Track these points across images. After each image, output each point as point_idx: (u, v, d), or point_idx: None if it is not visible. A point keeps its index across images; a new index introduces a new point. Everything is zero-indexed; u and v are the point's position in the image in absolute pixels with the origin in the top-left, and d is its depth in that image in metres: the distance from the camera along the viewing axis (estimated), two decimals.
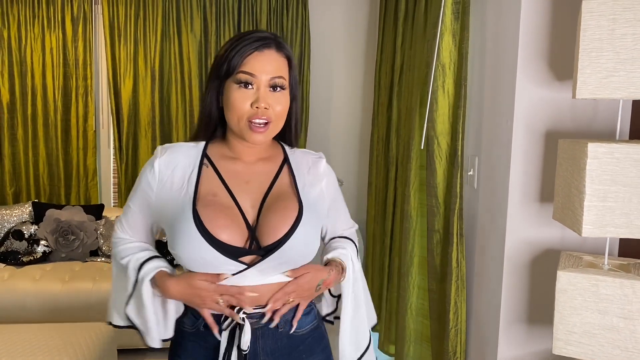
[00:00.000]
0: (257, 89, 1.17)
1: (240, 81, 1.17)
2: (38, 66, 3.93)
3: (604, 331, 1.53)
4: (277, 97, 1.19)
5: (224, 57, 1.19)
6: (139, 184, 1.25)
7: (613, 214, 1.50)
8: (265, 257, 1.16)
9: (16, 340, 2.43)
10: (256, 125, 1.17)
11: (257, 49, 1.18)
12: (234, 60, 1.17)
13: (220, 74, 1.20)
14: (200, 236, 1.14)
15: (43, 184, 4.03)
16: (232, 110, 1.18)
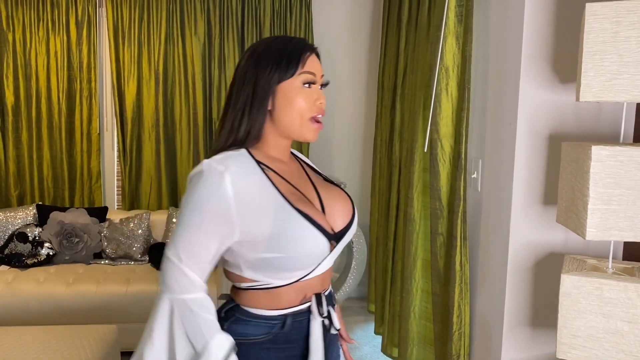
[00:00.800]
0: (316, 88, 1.23)
1: (306, 81, 1.20)
2: (42, 69, 3.95)
3: (608, 335, 1.52)
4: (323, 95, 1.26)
5: (276, 63, 1.19)
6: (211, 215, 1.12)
7: (617, 217, 1.49)
8: (339, 241, 1.25)
9: (20, 343, 2.43)
10: (318, 121, 1.23)
11: (310, 51, 1.23)
12: (293, 64, 1.19)
13: (273, 80, 1.19)
14: (318, 231, 1.17)
15: (47, 186, 4.04)
16: (295, 109, 1.19)
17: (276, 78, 1.18)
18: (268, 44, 1.22)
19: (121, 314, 3.15)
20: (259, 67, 1.19)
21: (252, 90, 1.19)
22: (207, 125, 4.06)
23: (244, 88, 1.19)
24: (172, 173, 4.10)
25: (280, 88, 1.19)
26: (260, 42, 1.24)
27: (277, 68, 1.18)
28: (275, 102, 1.20)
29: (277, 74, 1.18)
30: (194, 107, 4.02)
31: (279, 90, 1.19)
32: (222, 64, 4.01)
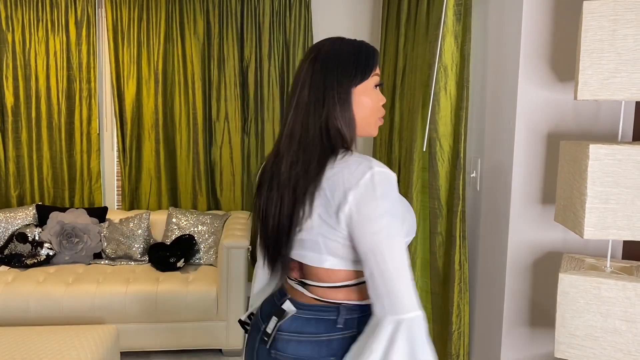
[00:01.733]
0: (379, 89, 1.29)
1: (377, 83, 1.25)
2: (42, 69, 3.95)
3: (606, 334, 1.52)
4: None
5: (356, 66, 1.22)
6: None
7: (615, 216, 1.49)
8: None
9: (20, 343, 2.43)
10: (381, 119, 1.29)
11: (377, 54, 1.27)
12: (370, 66, 1.23)
13: (355, 81, 1.22)
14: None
15: (47, 186, 4.04)
16: (370, 110, 1.24)
17: (358, 79, 1.22)
18: (339, 47, 1.24)
19: (121, 314, 3.15)
20: (339, 69, 1.21)
21: (337, 92, 1.21)
22: (206, 125, 4.06)
23: (327, 91, 1.20)
24: (171, 173, 4.10)
25: (357, 89, 1.23)
26: (327, 46, 1.25)
27: (357, 70, 1.22)
28: (353, 105, 1.23)
29: (360, 76, 1.22)
30: (194, 107, 4.02)
31: (357, 92, 1.23)
32: (222, 64, 4.01)
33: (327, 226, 1.18)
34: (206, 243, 3.62)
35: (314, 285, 1.25)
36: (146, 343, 3.20)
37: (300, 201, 1.19)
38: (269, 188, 1.26)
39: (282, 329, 1.25)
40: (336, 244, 1.20)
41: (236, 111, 4.03)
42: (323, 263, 1.22)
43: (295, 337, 1.24)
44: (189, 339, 3.22)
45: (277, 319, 1.26)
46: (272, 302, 1.35)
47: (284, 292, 1.33)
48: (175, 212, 3.74)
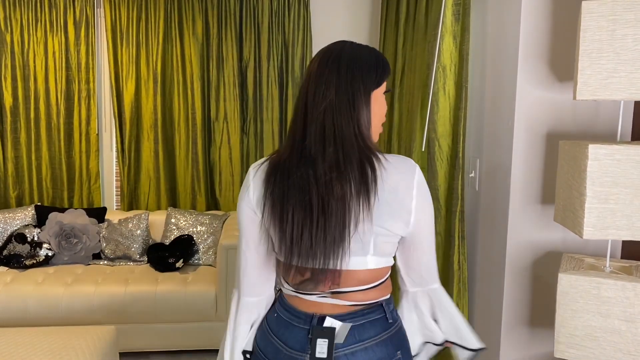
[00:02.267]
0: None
1: (385, 90, 1.27)
2: (41, 70, 3.94)
3: (605, 334, 1.52)
4: None
5: (375, 71, 1.23)
6: None
7: (614, 216, 1.49)
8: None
9: (18, 344, 2.43)
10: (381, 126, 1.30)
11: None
12: (386, 73, 1.25)
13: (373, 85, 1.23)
14: None
15: (46, 187, 4.03)
16: (379, 113, 1.26)
17: (375, 85, 1.23)
18: (359, 51, 1.25)
19: (120, 314, 3.15)
20: (364, 73, 1.21)
21: (363, 95, 1.20)
22: (205, 125, 4.05)
23: (355, 94, 1.19)
24: (170, 173, 4.10)
25: (373, 94, 1.23)
26: (347, 48, 1.25)
27: (377, 75, 1.23)
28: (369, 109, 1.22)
29: (377, 81, 1.23)
30: (192, 107, 4.02)
31: (372, 96, 1.22)
32: (221, 65, 4.00)
33: (387, 225, 1.18)
34: (205, 243, 3.61)
35: (351, 291, 1.22)
36: (145, 343, 3.19)
37: (355, 205, 1.13)
38: (301, 193, 1.15)
39: (338, 346, 1.19)
40: (388, 243, 1.22)
41: (235, 111, 4.03)
42: (367, 264, 1.20)
43: (359, 347, 1.20)
44: (188, 339, 3.22)
45: (326, 339, 1.19)
46: (296, 330, 1.23)
47: (302, 314, 1.24)
48: (174, 212, 3.74)
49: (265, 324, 1.31)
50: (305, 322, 1.22)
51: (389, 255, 1.24)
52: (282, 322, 1.26)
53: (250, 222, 1.25)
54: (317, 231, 1.13)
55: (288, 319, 1.26)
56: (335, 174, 1.13)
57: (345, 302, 1.22)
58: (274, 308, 1.32)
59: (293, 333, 1.23)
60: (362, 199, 1.13)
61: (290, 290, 1.27)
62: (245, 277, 1.30)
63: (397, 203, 1.18)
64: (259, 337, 1.30)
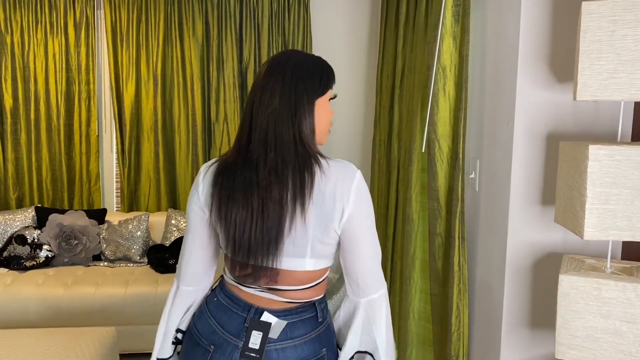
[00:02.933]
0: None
1: (331, 97, 1.33)
2: (41, 71, 3.94)
3: (606, 335, 1.52)
4: None
5: (320, 79, 1.29)
6: None
7: (615, 217, 1.49)
8: None
9: (18, 346, 2.42)
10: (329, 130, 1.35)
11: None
12: (331, 81, 1.31)
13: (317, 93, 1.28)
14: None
15: (46, 188, 4.03)
16: (324, 121, 1.30)
17: (320, 92, 1.28)
18: (304, 60, 1.29)
19: (120, 316, 3.15)
20: (308, 81, 1.27)
21: (307, 102, 1.26)
22: (205, 126, 4.05)
23: (298, 101, 1.25)
24: (171, 175, 4.10)
25: (318, 101, 1.29)
26: (293, 57, 1.29)
27: (321, 83, 1.28)
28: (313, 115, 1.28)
29: (322, 89, 1.29)
30: (193, 108, 4.02)
31: (317, 104, 1.29)
32: (221, 66, 4.00)
33: (322, 230, 1.22)
34: None
35: (288, 289, 1.29)
36: (145, 345, 3.19)
37: (290, 209, 1.19)
38: (243, 195, 1.22)
39: (271, 341, 1.26)
40: (326, 245, 1.26)
41: (235, 113, 4.03)
42: (305, 266, 1.26)
43: (289, 344, 1.27)
44: None
45: (261, 332, 1.26)
46: (234, 316, 1.31)
47: (241, 302, 1.31)
48: (175, 213, 3.74)
49: (204, 306, 1.38)
50: (243, 310, 1.31)
51: (328, 257, 1.29)
52: (222, 307, 1.34)
53: (198, 220, 1.34)
54: (256, 232, 1.21)
55: (227, 304, 1.33)
56: (274, 178, 1.20)
57: (281, 299, 1.30)
58: (214, 292, 1.40)
59: (231, 318, 1.31)
60: (298, 203, 1.19)
61: (232, 280, 1.35)
62: (189, 269, 1.39)
63: (332, 208, 1.22)
64: (197, 318, 1.38)
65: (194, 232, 1.36)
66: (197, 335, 1.34)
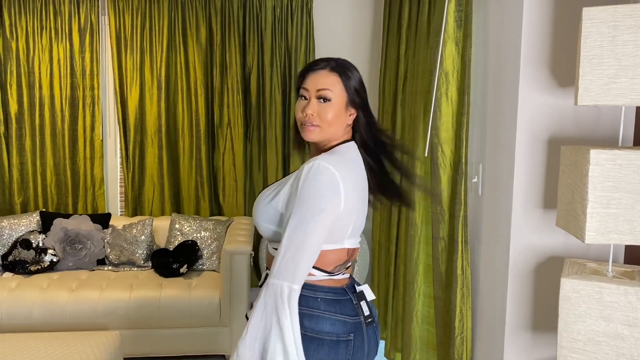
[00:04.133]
0: (309, 100, 1.46)
1: (300, 95, 1.49)
2: (46, 77, 3.97)
3: (608, 339, 1.53)
4: (324, 107, 1.45)
5: (298, 78, 1.52)
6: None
7: (616, 221, 1.50)
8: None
9: (23, 349, 2.44)
10: (306, 126, 1.45)
11: (312, 70, 1.48)
12: (299, 80, 1.50)
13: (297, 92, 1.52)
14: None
15: (50, 193, 4.06)
16: (297, 116, 1.49)
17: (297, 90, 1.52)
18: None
19: (124, 319, 3.16)
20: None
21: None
22: (209, 131, 4.07)
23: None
24: (174, 179, 4.12)
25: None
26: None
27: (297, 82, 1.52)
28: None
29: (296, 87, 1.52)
30: (196, 113, 4.04)
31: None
32: (224, 71, 4.03)
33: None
34: (209, 249, 3.63)
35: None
36: (149, 349, 3.20)
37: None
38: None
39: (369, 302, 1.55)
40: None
41: (238, 117, 4.05)
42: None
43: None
44: (192, 344, 3.23)
45: (364, 300, 1.51)
46: (344, 302, 1.47)
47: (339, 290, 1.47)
48: (178, 218, 3.75)
49: (310, 310, 1.40)
50: (345, 294, 1.46)
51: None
52: (330, 301, 1.43)
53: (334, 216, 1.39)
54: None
55: (334, 297, 1.44)
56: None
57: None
58: (308, 296, 1.40)
59: (345, 305, 1.44)
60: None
61: (323, 276, 1.44)
62: (308, 264, 1.35)
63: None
64: (313, 321, 1.39)
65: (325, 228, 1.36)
66: (330, 335, 1.39)
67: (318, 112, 1.44)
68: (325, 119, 1.44)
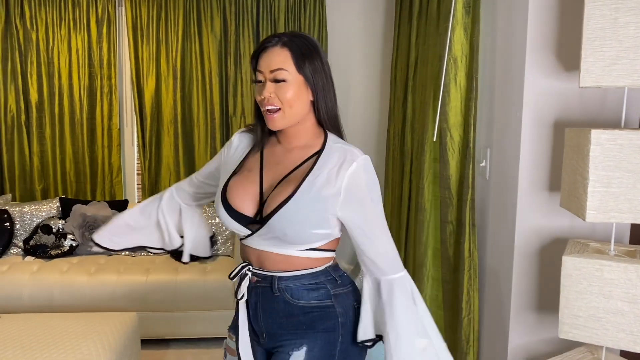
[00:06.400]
0: (264, 83, 1.34)
1: (254, 79, 1.36)
2: (65, 67, 4.07)
3: (608, 315, 1.56)
4: (281, 86, 1.32)
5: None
6: (217, 154, 1.57)
7: (617, 200, 1.53)
8: (262, 226, 1.33)
9: (45, 328, 2.53)
10: (267, 111, 1.34)
11: (263, 50, 1.35)
12: (252, 64, 1.37)
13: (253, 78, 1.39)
14: (221, 202, 1.39)
15: (70, 180, 4.16)
16: (256, 101, 1.39)
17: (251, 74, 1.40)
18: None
19: (141, 302, 3.25)
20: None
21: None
22: (223, 120, 4.14)
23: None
24: (190, 167, 4.19)
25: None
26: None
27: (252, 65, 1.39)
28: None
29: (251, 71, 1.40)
30: (211, 102, 4.11)
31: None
32: (238, 60, 4.09)
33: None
34: (223, 235, 3.70)
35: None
36: (165, 331, 3.29)
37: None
38: None
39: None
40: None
41: (252, 107, 4.09)
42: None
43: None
44: (207, 327, 3.31)
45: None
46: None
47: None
48: None
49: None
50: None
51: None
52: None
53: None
54: None
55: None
56: None
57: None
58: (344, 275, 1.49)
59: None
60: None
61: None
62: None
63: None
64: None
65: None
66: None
67: (276, 93, 1.32)
68: (284, 100, 1.32)
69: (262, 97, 1.33)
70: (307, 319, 1.38)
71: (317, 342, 1.38)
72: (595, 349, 1.79)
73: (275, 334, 1.41)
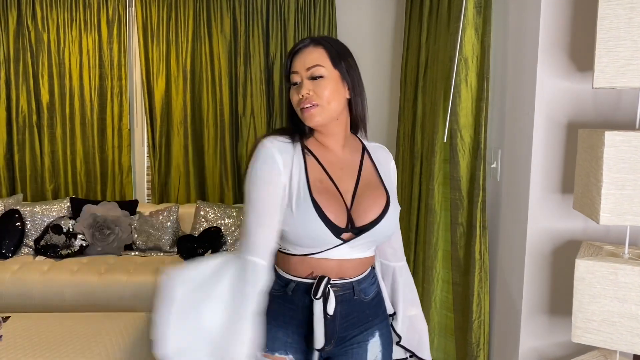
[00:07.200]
0: (301, 82, 1.36)
1: (291, 82, 1.38)
2: (75, 67, 4.09)
3: (623, 319, 1.54)
4: (319, 83, 1.33)
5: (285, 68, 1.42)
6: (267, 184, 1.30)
7: (632, 202, 1.50)
8: (358, 235, 1.35)
9: (55, 328, 2.55)
10: (305, 108, 1.34)
11: (296, 52, 1.38)
12: (286, 68, 1.39)
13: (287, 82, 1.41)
14: (318, 217, 1.30)
15: (80, 180, 4.18)
16: (293, 106, 1.39)
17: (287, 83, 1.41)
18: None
19: (151, 302, 3.24)
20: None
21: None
22: (233, 120, 4.14)
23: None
24: (199, 167, 4.20)
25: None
26: None
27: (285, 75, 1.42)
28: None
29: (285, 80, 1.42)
30: (221, 103, 4.11)
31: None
32: (248, 61, 4.09)
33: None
34: (233, 235, 3.70)
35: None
36: None
37: None
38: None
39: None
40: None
41: (262, 107, 4.10)
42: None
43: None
44: None
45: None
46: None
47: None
48: (203, 205, 3.84)
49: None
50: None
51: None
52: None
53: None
54: None
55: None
56: None
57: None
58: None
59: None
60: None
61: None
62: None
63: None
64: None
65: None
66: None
67: (314, 91, 1.33)
68: (323, 96, 1.32)
69: (300, 95, 1.33)
70: (372, 309, 1.46)
71: (383, 323, 1.49)
72: (608, 353, 1.76)
73: (345, 336, 1.42)
